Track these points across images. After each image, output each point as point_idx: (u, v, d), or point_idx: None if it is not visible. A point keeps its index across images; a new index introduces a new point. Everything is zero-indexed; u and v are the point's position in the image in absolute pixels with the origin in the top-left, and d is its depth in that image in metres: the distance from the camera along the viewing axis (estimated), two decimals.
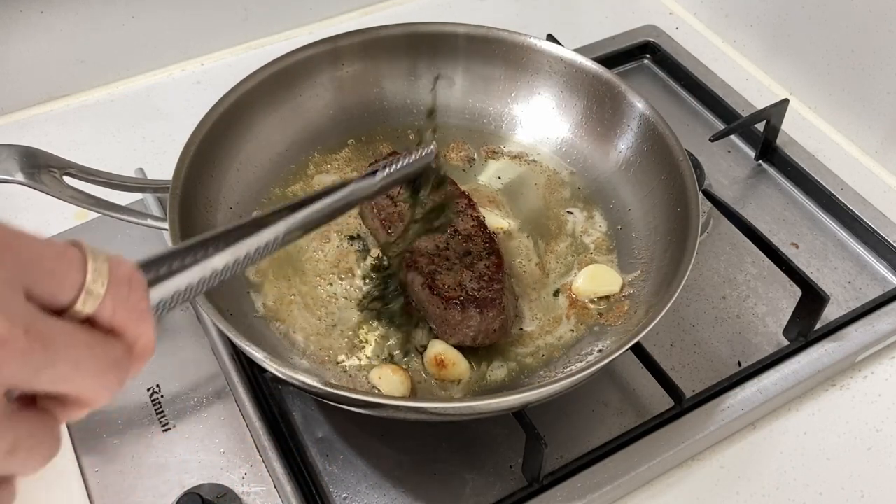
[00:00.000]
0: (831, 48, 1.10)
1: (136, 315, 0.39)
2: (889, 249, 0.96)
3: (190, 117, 0.85)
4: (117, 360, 0.38)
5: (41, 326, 0.35)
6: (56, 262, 0.37)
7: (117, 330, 0.39)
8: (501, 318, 0.79)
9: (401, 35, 0.98)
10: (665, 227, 0.85)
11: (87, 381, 0.37)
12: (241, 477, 0.76)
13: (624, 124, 0.93)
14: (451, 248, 0.82)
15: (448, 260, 0.81)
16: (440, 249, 0.82)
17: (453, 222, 0.84)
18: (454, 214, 0.84)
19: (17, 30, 1.06)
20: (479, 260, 0.82)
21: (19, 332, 0.34)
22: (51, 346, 0.35)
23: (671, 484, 0.80)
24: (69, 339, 0.36)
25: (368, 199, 0.67)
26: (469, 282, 0.79)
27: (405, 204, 0.83)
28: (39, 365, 0.35)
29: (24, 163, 0.73)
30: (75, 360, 0.36)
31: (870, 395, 0.87)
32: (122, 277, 0.39)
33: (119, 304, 0.38)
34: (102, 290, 0.38)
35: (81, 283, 0.37)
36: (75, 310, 0.37)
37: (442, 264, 0.81)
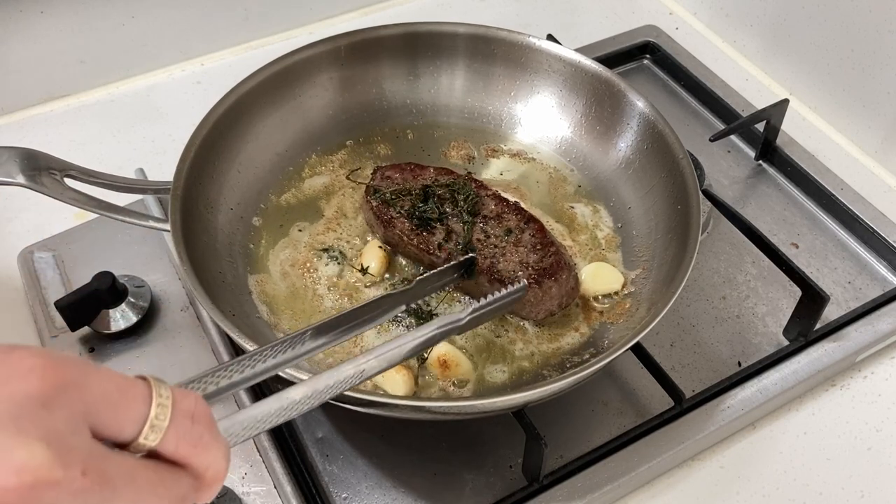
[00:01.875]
0: (831, 48, 1.10)
1: (201, 447, 0.40)
2: (889, 249, 0.96)
3: (190, 117, 0.85)
4: (182, 496, 0.39)
5: (100, 465, 0.36)
6: (121, 396, 0.37)
7: (182, 462, 0.39)
8: (574, 274, 0.82)
9: (401, 35, 0.98)
10: (665, 225, 0.85)
11: None
12: (241, 477, 0.76)
13: (624, 123, 0.93)
14: (492, 234, 0.83)
15: (496, 246, 0.81)
16: (482, 241, 0.82)
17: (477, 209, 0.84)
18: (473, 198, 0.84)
19: (17, 30, 1.06)
20: (521, 232, 0.83)
21: (76, 472, 0.34)
22: (109, 484, 0.36)
23: (671, 484, 0.80)
24: (130, 477, 0.37)
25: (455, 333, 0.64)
26: (527, 257, 0.80)
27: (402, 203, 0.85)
28: (97, 502, 0.35)
29: (25, 165, 0.73)
30: (135, 498, 0.37)
31: (870, 395, 0.87)
32: (185, 410, 0.39)
33: (182, 436, 0.39)
34: (165, 424, 0.38)
35: (146, 416, 0.38)
36: (139, 443, 0.38)
37: (493, 252, 0.81)
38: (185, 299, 0.89)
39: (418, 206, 0.85)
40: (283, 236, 0.88)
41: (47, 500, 0.34)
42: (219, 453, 0.41)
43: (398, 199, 0.85)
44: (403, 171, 0.88)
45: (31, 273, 0.90)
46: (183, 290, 0.89)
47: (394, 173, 0.88)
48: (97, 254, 0.92)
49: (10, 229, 0.98)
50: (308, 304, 0.83)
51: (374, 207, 0.86)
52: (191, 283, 0.71)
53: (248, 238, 0.87)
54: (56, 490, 0.34)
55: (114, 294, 0.84)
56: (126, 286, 0.86)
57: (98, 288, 0.83)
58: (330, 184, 0.94)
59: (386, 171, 0.89)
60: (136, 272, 0.89)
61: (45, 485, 0.33)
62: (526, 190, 0.95)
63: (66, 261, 0.91)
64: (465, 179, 0.87)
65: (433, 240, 0.82)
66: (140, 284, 0.88)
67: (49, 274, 0.90)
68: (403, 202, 0.85)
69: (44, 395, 0.35)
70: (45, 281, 0.89)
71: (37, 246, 0.93)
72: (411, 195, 0.86)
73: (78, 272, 0.90)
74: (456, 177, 0.88)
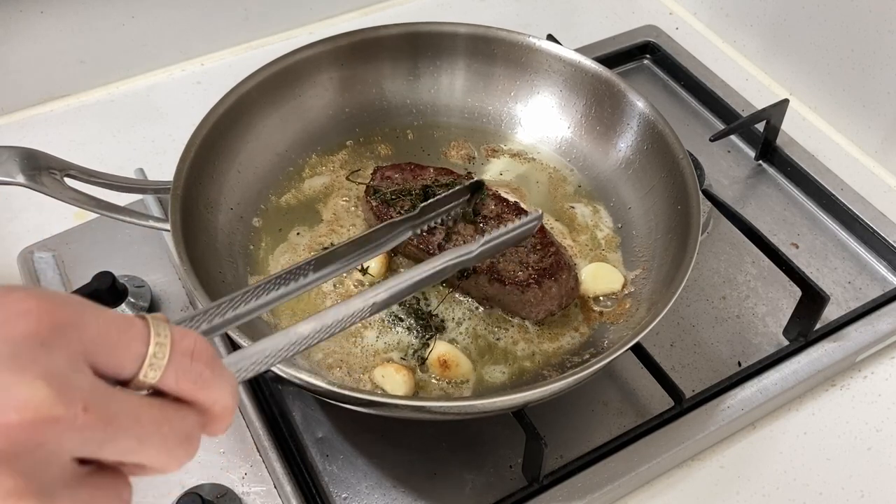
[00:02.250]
0: (831, 48, 1.10)
1: (202, 383, 0.40)
2: (889, 249, 0.96)
3: (190, 117, 0.85)
4: (187, 433, 0.39)
5: (103, 402, 0.36)
6: (119, 335, 0.38)
7: (186, 398, 0.39)
8: (573, 274, 0.82)
9: (401, 35, 0.98)
10: (665, 225, 0.85)
11: (155, 453, 0.38)
12: (241, 477, 0.76)
13: (624, 123, 0.93)
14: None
15: None
16: None
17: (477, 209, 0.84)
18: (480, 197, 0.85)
19: (17, 30, 1.06)
20: None
21: (77, 409, 0.34)
22: (112, 421, 0.36)
23: (671, 484, 0.80)
24: (133, 414, 0.37)
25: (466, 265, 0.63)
26: (527, 257, 0.81)
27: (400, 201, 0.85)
28: (101, 440, 0.36)
29: (25, 164, 0.73)
30: (139, 435, 0.37)
31: (870, 395, 0.87)
32: (183, 348, 0.39)
33: (182, 373, 0.39)
34: (164, 361, 0.38)
35: (144, 354, 0.38)
36: (139, 380, 0.38)
37: None
38: (185, 299, 0.89)
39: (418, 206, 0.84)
40: (282, 241, 0.88)
41: (50, 437, 0.34)
42: (224, 388, 0.41)
43: (398, 199, 0.85)
44: (403, 171, 0.88)
45: (31, 273, 0.90)
46: (183, 290, 0.89)
47: (394, 173, 0.88)
48: (97, 254, 0.92)
49: (10, 229, 0.98)
50: (309, 305, 0.83)
51: (374, 207, 0.86)
52: (191, 283, 0.71)
53: (249, 239, 0.87)
54: (58, 427, 0.34)
55: (114, 294, 0.84)
56: (126, 286, 0.86)
57: (98, 288, 0.83)
58: (330, 184, 0.94)
59: (386, 171, 0.89)
60: (136, 272, 0.89)
61: (47, 421, 0.34)
62: (526, 190, 0.95)
63: (66, 261, 0.91)
64: (465, 179, 0.87)
65: (433, 240, 0.82)
66: (140, 284, 0.88)
67: (49, 274, 0.90)
68: (403, 202, 0.85)
69: (42, 335, 0.35)
70: (45, 281, 0.89)
71: (37, 246, 0.93)
72: (411, 195, 0.86)
73: (78, 272, 0.90)
74: (456, 177, 0.88)
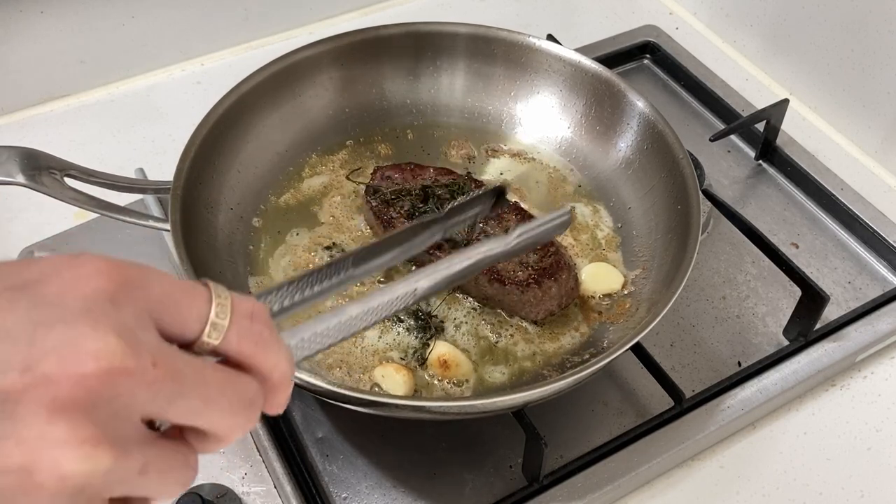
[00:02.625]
0: (831, 48, 1.10)
1: (262, 346, 0.40)
2: (889, 249, 0.96)
3: (190, 117, 0.85)
4: (250, 399, 0.40)
5: (170, 359, 0.37)
6: (182, 296, 0.39)
7: (246, 364, 0.40)
8: (573, 274, 0.82)
9: (401, 35, 0.98)
10: (665, 225, 0.85)
11: (218, 417, 0.39)
12: (241, 477, 0.76)
13: (624, 123, 0.93)
14: (491, 234, 0.83)
15: None
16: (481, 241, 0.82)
17: None
18: None
19: (17, 30, 1.06)
20: None
21: (147, 363, 0.35)
22: (179, 378, 0.37)
23: (671, 484, 0.80)
24: (198, 374, 0.38)
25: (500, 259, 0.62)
26: (527, 257, 0.81)
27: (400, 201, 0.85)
28: (169, 396, 0.36)
29: (25, 164, 0.73)
30: (205, 396, 0.38)
31: (870, 395, 0.87)
32: (244, 310, 0.40)
33: (243, 335, 0.40)
34: (226, 322, 0.39)
35: (207, 315, 0.39)
36: (202, 341, 0.39)
37: None
38: None
39: (418, 206, 0.85)
40: (281, 243, 0.88)
41: (123, 388, 0.35)
42: (282, 354, 0.41)
43: (398, 199, 0.86)
44: (403, 171, 0.89)
45: None
46: None
47: (393, 173, 0.88)
48: None
49: (10, 229, 0.98)
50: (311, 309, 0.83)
51: (374, 207, 0.86)
52: None
53: (248, 239, 0.87)
54: (130, 379, 0.35)
55: None
56: None
57: None
58: (329, 184, 0.94)
59: (386, 171, 0.89)
60: None
61: (120, 372, 0.34)
62: (526, 190, 0.95)
63: None
64: (465, 179, 0.88)
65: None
66: None
67: None
68: (403, 202, 0.85)
69: (111, 292, 0.36)
70: None
71: (37, 246, 0.93)
72: (411, 195, 0.86)
73: None
74: (456, 177, 0.88)
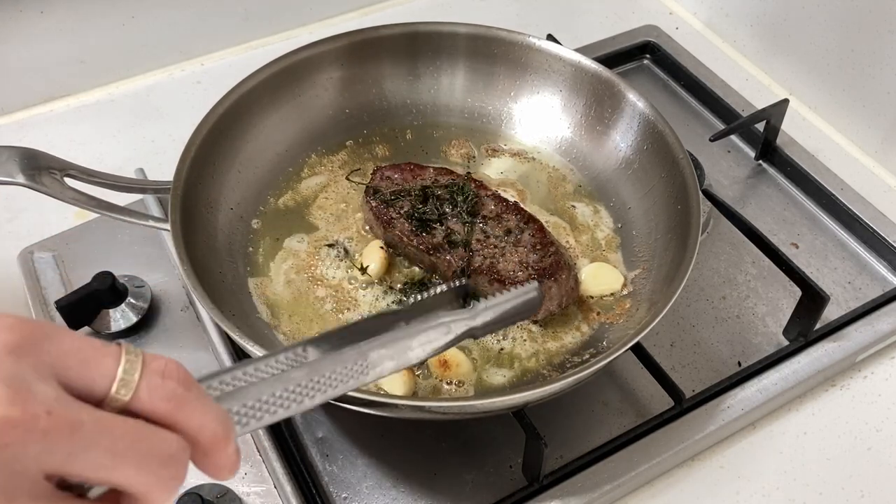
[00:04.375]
0: (831, 48, 1.10)
1: (179, 404, 0.39)
2: (889, 249, 0.96)
3: (190, 117, 0.85)
4: (169, 454, 0.38)
5: (68, 410, 0.35)
6: (92, 353, 0.38)
7: (166, 423, 0.39)
8: (573, 274, 0.82)
9: (401, 35, 0.98)
10: (665, 225, 0.85)
11: (134, 473, 0.37)
12: (241, 477, 0.76)
13: (624, 123, 0.93)
14: (491, 235, 0.83)
15: (495, 247, 0.82)
16: (482, 241, 0.82)
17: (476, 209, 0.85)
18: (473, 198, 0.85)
19: (17, 30, 1.06)
20: (521, 232, 0.83)
21: (38, 411, 0.34)
22: (79, 429, 0.35)
23: (671, 484, 0.80)
24: (104, 426, 0.36)
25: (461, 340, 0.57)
26: (527, 257, 0.81)
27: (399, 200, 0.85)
28: (69, 449, 0.35)
29: (25, 164, 0.73)
30: (111, 449, 0.36)
31: (870, 395, 0.87)
32: (155, 367, 0.39)
33: (154, 391, 0.38)
34: (135, 378, 0.38)
35: (115, 371, 0.38)
36: (111, 397, 0.38)
37: (492, 253, 0.81)
38: (185, 299, 0.89)
39: (418, 206, 0.85)
40: (280, 249, 0.88)
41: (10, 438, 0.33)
42: (208, 414, 0.39)
43: (398, 200, 0.86)
44: (403, 171, 0.89)
45: (31, 273, 0.90)
46: (183, 290, 0.89)
47: (393, 173, 0.88)
48: (97, 254, 0.92)
49: (10, 229, 0.98)
50: (309, 308, 0.83)
51: (374, 208, 0.86)
52: (191, 284, 0.71)
53: (248, 240, 0.87)
54: (18, 429, 0.33)
55: (114, 294, 0.84)
56: (126, 286, 0.86)
57: (98, 288, 0.83)
58: (328, 184, 0.94)
59: (386, 171, 0.89)
60: (136, 272, 0.89)
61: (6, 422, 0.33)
62: (526, 190, 0.95)
63: (66, 261, 0.91)
64: (465, 179, 0.88)
65: (433, 240, 0.82)
66: (140, 284, 0.88)
67: (49, 274, 0.90)
68: (403, 203, 0.85)
69: (13, 345, 0.35)
70: (45, 281, 0.89)
71: (37, 246, 0.93)
72: (411, 196, 0.86)
73: (78, 272, 0.90)
74: (455, 177, 0.88)
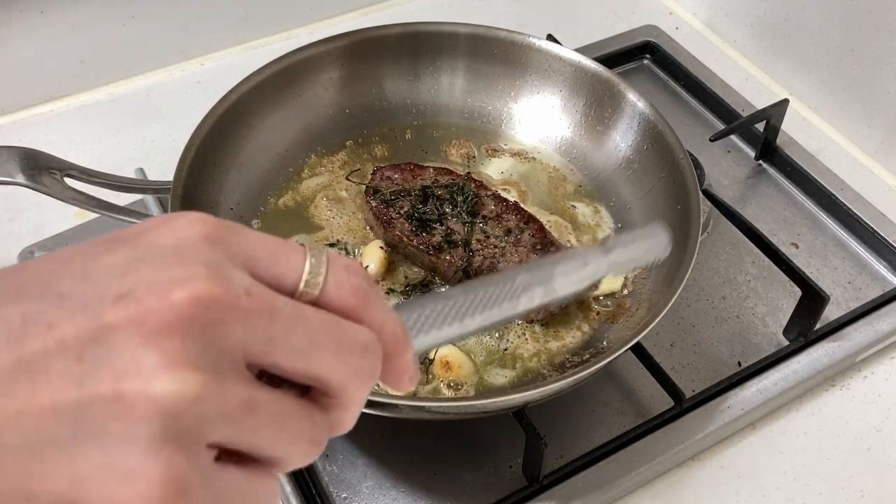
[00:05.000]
0: (831, 48, 1.10)
1: (364, 299, 0.38)
2: (889, 249, 0.96)
3: (190, 117, 0.85)
4: (363, 344, 0.37)
5: (265, 294, 0.34)
6: (278, 248, 0.37)
7: (351, 315, 0.37)
8: None
9: (401, 35, 0.98)
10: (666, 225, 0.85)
11: (330, 361, 0.36)
12: None
13: (624, 123, 0.93)
14: (492, 235, 0.83)
15: (496, 247, 0.82)
16: (482, 241, 0.83)
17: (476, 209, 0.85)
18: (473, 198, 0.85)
19: (17, 30, 1.06)
20: (521, 232, 0.83)
21: (239, 292, 0.33)
22: (276, 313, 0.34)
23: (671, 484, 0.80)
24: (298, 312, 0.35)
25: None
26: (527, 257, 0.81)
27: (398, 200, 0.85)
28: (268, 333, 0.34)
29: (25, 164, 0.73)
30: (308, 334, 0.35)
31: (870, 395, 0.87)
32: (340, 262, 0.38)
33: (342, 286, 0.37)
34: (322, 273, 0.37)
35: (302, 265, 0.37)
36: (300, 292, 0.37)
37: (493, 253, 0.81)
38: None
39: (418, 206, 0.85)
40: None
41: (215, 315, 0.33)
42: (389, 312, 0.39)
43: (398, 200, 0.86)
44: (403, 171, 0.89)
45: None
46: None
47: (393, 174, 0.88)
48: None
49: (10, 229, 0.98)
50: None
51: (374, 208, 0.86)
52: None
53: None
54: (222, 306, 0.33)
55: None
56: None
57: None
58: (328, 184, 0.94)
59: (386, 171, 0.89)
60: None
61: (211, 299, 0.33)
62: (527, 190, 0.95)
63: None
64: (465, 180, 0.88)
65: (433, 240, 0.82)
66: None
67: None
68: (403, 203, 0.85)
69: (206, 235, 0.35)
70: None
71: (37, 246, 0.93)
72: (411, 196, 0.86)
73: None
74: (455, 177, 0.88)
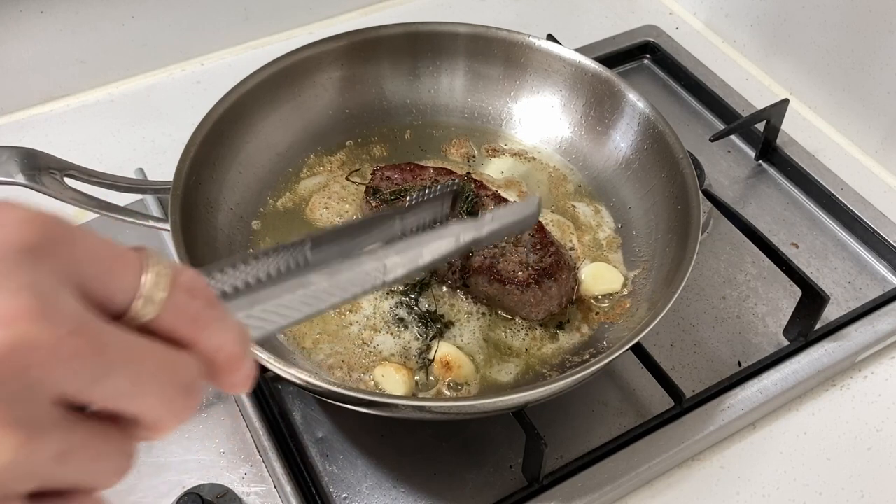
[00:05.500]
0: (831, 48, 1.10)
1: (201, 325, 0.35)
2: (889, 249, 0.96)
3: (190, 117, 0.85)
4: (187, 385, 0.34)
5: (94, 331, 0.32)
6: (114, 260, 0.34)
7: (185, 341, 0.35)
8: (573, 274, 0.82)
9: (401, 35, 0.98)
10: (665, 225, 0.85)
11: (151, 403, 0.33)
12: (241, 477, 0.76)
13: (624, 123, 0.93)
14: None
15: (495, 246, 0.82)
16: None
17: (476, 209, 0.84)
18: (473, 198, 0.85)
19: (17, 30, 1.06)
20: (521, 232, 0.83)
21: (64, 332, 0.30)
22: (104, 353, 0.31)
23: (671, 484, 0.80)
24: (128, 350, 0.32)
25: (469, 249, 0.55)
26: (527, 257, 0.81)
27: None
28: (92, 373, 0.31)
29: (25, 164, 0.73)
30: (134, 377, 0.32)
31: (870, 395, 0.87)
32: (183, 283, 0.35)
33: (181, 311, 0.35)
34: (163, 295, 0.34)
35: (139, 284, 0.34)
36: (132, 313, 0.34)
37: (492, 253, 0.81)
38: None
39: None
40: None
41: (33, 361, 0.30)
42: (228, 333, 0.36)
43: (398, 200, 0.85)
44: (403, 171, 0.89)
45: None
46: None
47: (393, 173, 0.88)
48: None
49: None
50: None
51: (374, 208, 0.86)
52: None
53: (248, 240, 0.87)
54: (43, 351, 0.30)
55: None
56: None
57: None
58: (327, 184, 0.94)
59: (385, 171, 0.89)
60: None
61: (31, 343, 0.30)
62: (527, 190, 0.95)
63: None
64: (465, 179, 0.88)
65: None
66: None
67: None
68: (403, 203, 0.85)
69: (32, 244, 0.31)
70: None
71: None
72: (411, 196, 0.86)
73: None
74: (455, 176, 0.88)
